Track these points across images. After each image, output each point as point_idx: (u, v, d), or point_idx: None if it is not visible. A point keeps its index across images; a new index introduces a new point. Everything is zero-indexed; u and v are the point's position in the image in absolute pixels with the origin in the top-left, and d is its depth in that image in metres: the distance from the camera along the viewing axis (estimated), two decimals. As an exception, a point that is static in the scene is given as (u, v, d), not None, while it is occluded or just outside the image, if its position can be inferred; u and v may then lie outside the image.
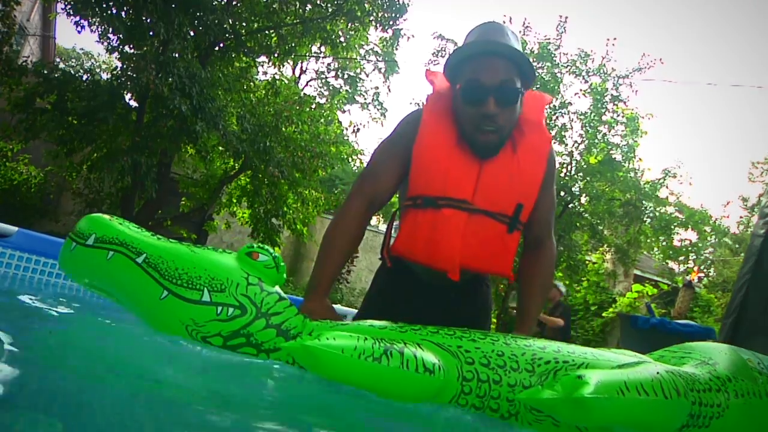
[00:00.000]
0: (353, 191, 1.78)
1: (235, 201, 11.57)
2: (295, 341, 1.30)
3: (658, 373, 1.28)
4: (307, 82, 19.48)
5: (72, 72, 8.67)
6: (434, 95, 1.78)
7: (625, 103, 11.83)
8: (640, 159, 12.68)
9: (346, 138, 14.48)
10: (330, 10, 9.85)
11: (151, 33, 7.83)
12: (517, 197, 1.66)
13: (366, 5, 9.64)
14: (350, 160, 13.01)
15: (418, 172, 1.68)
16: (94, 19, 8.07)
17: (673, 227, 13.00)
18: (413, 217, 1.68)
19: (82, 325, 1.84)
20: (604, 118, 11.97)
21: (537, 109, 1.79)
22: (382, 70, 19.04)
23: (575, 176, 12.08)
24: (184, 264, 1.43)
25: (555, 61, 11.66)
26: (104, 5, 7.72)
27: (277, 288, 1.51)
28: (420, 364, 1.22)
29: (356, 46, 11.58)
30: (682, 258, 16.87)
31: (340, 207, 1.79)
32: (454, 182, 1.64)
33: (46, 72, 8.10)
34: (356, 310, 2.11)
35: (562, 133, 12.01)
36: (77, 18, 8.04)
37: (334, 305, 1.76)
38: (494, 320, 11.99)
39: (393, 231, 1.84)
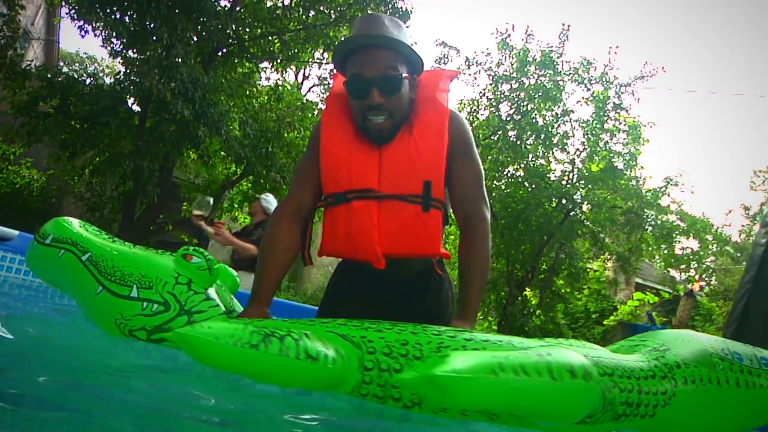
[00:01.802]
0: (278, 206, 1.88)
1: (236, 206, 11.56)
2: (173, 331, 1.30)
3: (549, 354, 1.17)
4: (310, 88, 19.45)
5: (75, 76, 8.67)
6: (332, 97, 1.84)
7: (627, 111, 11.83)
8: (641, 167, 12.68)
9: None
10: (333, 16, 9.87)
11: (154, 38, 7.85)
12: (421, 175, 1.67)
13: (369, 11, 9.66)
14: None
15: (325, 172, 1.75)
16: (97, 24, 8.10)
17: (674, 235, 12.97)
18: (329, 215, 1.75)
19: (83, 327, 1.84)
20: (606, 126, 11.97)
21: (432, 86, 1.79)
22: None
23: (577, 184, 12.07)
24: (121, 263, 1.57)
25: (557, 69, 11.67)
26: (108, 10, 7.74)
27: (211, 291, 1.63)
28: (301, 351, 1.22)
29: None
30: (683, 266, 16.83)
31: (269, 222, 1.86)
32: (357, 174, 1.69)
33: (49, 76, 8.10)
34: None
35: (564, 140, 12.01)
36: (81, 22, 8.08)
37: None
38: (494, 327, 11.97)
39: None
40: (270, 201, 5.80)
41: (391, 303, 1.72)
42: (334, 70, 1.85)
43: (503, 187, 12.61)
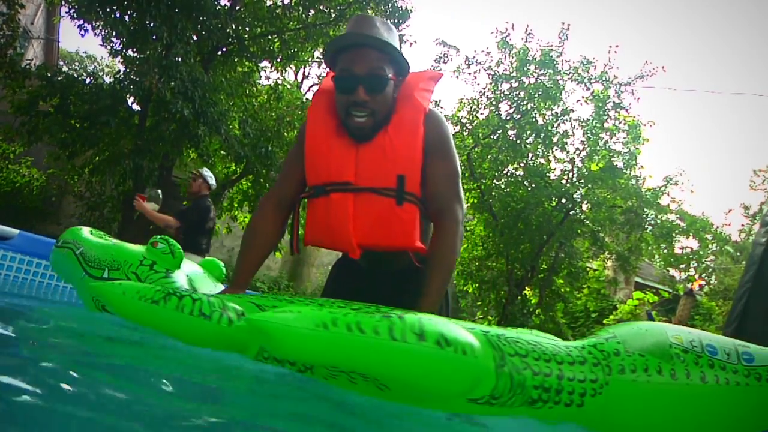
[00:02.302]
0: (263, 197, 2.00)
1: (236, 205, 11.57)
2: (91, 285, 1.60)
3: (400, 317, 1.14)
4: (310, 87, 19.46)
5: (75, 75, 8.67)
6: (319, 93, 1.92)
7: (626, 110, 11.83)
8: (641, 166, 12.67)
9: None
10: (333, 15, 9.88)
11: (154, 37, 7.84)
12: (395, 169, 1.72)
13: (369, 11, 9.66)
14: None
15: (308, 165, 1.84)
16: (97, 23, 8.10)
17: (674, 235, 12.97)
18: (311, 207, 1.84)
19: (82, 327, 1.85)
20: (605, 125, 11.97)
21: (412, 86, 1.85)
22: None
23: (577, 183, 12.07)
24: (101, 253, 1.86)
25: (557, 68, 11.67)
26: (108, 9, 7.74)
27: (177, 273, 1.88)
28: (196, 308, 1.36)
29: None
30: (683, 266, 16.84)
31: (255, 209, 2.00)
32: (336, 168, 1.76)
33: (49, 75, 8.11)
34: None
35: (564, 139, 12.01)
36: (81, 21, 8.08)
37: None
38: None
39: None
40: (207, 175, 5.80)
41: (380, 297, 1.72)
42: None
43: (503, 186, 12.62)
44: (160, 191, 5.33)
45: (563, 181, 12.23)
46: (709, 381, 1.31)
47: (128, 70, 8.24)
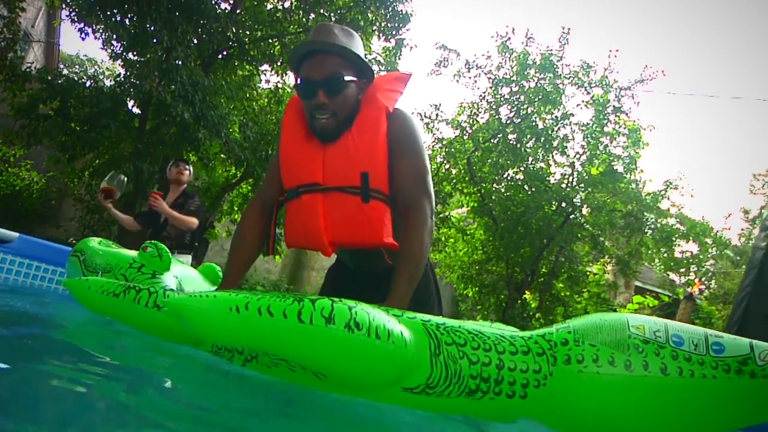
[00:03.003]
0: (249, 202, 2.09)
1: (236, 209, 11.57)
2: (62, 279, 1.89)
3: (312, 302, 1.14)
4: (310, 90, 19.50)
5: (75, 78, 8.68)
6: (290, 103, 2.01)
7: (627, 114, 11.85)
8: (641, 170, 12.69)
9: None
10: (333, 19, 9.88)
11: (154, 40, 7.86)
12: (359, 168, 1.77)
13: (369, 15, 9.67)
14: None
15: (282, 171, 1.92)
16: (98, 26, 8.11)
17: (674, 239, 12.97)
18: (288, 210, 1.92)
19: (81, 330, 1.85)
20: (605, 129, 11.98)
21: (377, 87, 1.92)
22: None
23: (577, 187, 12.07)
24: (98, 258, 2.02)
25: (557, 72, 11.68)
26: (108, 12, 7.75)
27: (165, 275, 2.00)
28: (151, 300, 1.50)
29: (359, 55, 11.60)
30: (683, 270, 16.83)
31: (242, 215, 2.10)
32: (305, 170, 1.84)
33: (49, 78, 8.11)
34: None
35: (564, 144, 12.02)
36: (81, 25, 8.09)
37: None
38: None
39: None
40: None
41: (368, 298, 1.74)
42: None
43: (503, 190, 12.62)
44: (124, 177, 4.75)
45: (563, 185, 12.23)
46: (670, 373, 1.21)
47: (129, 73, 8.24)
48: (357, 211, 1.76)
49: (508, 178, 12.71)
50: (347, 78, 1.82)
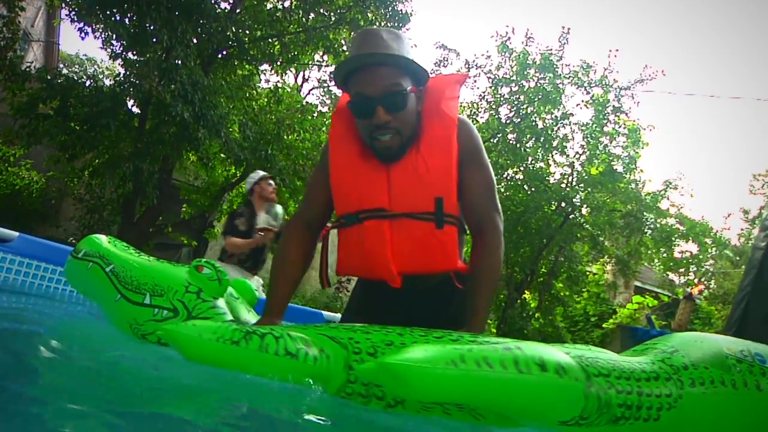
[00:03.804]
0: (289, 222, 1.90)
1: (236, 208, 11.56)
2: (161, 327, 1.39)
3: (519, 348, 1.14)
4: (310, 90, 19.44)
5: (75, 78, 8.66)
6: (336, 114, 1.82)
7: (626, 114, 11.86)
8: (641, 170, 12.70)
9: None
10: (333, 18, 9.88)
11: (154, 40, 7.85)
12: (432, 192, 1.64)
13: (369, 14, 9.67)
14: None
15: (336, 194, 1.76)
16: (98, 26, 8.10)
17: (673, 239, 12.99)
18: (343, 236, 1.75)
19: (82, 329, 1.85)
20: (605, 129, 12.00)
21: (438, 95, 1.75)
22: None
23: (576, 187, 12.08)
24: (138, 273, 1.71)
25: (557, 72, 11.68)
26: (108, 12, 7.74)
27: (220, 301, 1.73)
28: (281, 348, 1.29)
29: (359, 55, 11.61)
30: (682, 270, 16.84)
31: (282, 235, 1.89)
32: (367, 194, 1.68)
33: (49, 78, 8.10)
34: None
35: (564, 143, 12.02)
36: (81, 24, 8.07)
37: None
38: (493, 330, 11.96)
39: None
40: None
41: (414, 317, 1.68)
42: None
43: (502, 190, 12.62)
44: (280, 208, 4.77)
45: (563, 185, 12.24)
46: (764, 389, 1.36)
47: (128, 72, 8.23)
48: (430, 238, 1.64)
49: (508, 177, 12.71)
50: (407, 90, 1.64)
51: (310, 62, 11.93)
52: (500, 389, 1.09)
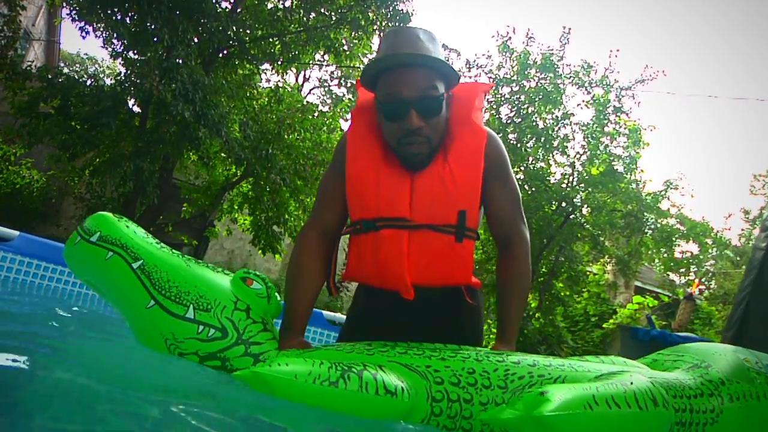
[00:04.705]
0: (303, 229, 1.78)
1: (236, 208, 11.56)
2: (247, 369, 1.26)
3: (632, 383, 1.19)
4: (310, 90, 19.51)
5: (76, 77, 8.67)
6: (356, 111, 1.74)
7: (627, 114, 11.84)
8: (641, 170, 12.68)
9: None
10: (334, 18, 9.88)
11: (155, 39, 7.85)
12: (457, 205, 1.58)
13: (370, 14, 9.67)
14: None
15: (352, 197, 1.66)
16: (98, 25, 8.10)
17: (674, 239, 12.98)
18: (357, 242, 1.67)
19: (81, 330, 1.84)
20: (606, 129, 11.98)
21: (468, 104, 1.69)
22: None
23: (577, 187, 12.07)
24: (177, 277, 1.43)
25: (558, 72, 11.68)
26: (109, 11, 7.75)
27: (268, 321, 1.51)
28: (381, 386, 1.21)
29: (360, 54, 11.60)
30: (683, 270, 16.83)
31: (295, 246, 1.78)
32: (387, 202, 1.60)
33: (50, 77, 8.10)
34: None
35: (564, 143, 12.01)
36: (82, 23, 8.08)
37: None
38: (494, 330, 11.94)
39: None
40: None
41: (420, 327, 1.65)
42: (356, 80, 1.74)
43: (503, 189, 12.60)
44: None
45: (563, 185, 12.23)
46: None
47: (129, 72, 8.23)
48: (449, 251, 1.58)
49: (509, 177, 12.69)
50: (443, 95, 1.57)
51: (310, 62, 11.92)
52: (625, 427, 1.14)
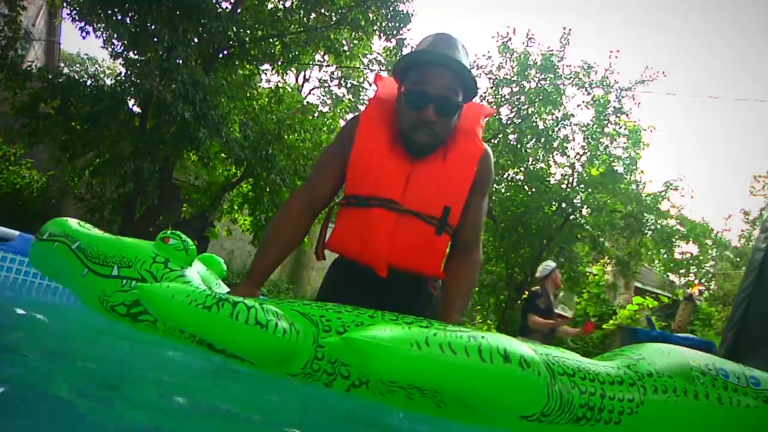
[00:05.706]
0: (294, 193, 1.93)
1: (236, 208, 11.56)
2: (138, 285, 1.38)
3: (483, 337, 1.14)
4: (310, 90, 19.54)
5: (76, 77, 8.67)
6: (375, 100, 1.89)
7: (627, 115, 11.86)
8: (641, 171, 12.70)
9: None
10: (334, 19, 9.88)
11: (155, 39, 7.85)
12: (444, 200, 1.74)
13: (370, 15, 9.67)
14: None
15: (353, 172, 1.79)
16: (99, 25, 8.11)
17: (674, 240, 12.98)
18: (347, 214, 1.80)
19: (81, 329, 1.85)
20: (606, 130, 12.00)
21: (474, 119, 1.88)
22: (386, 80, 19.02)
23: (577, 188, 12.08)
24: (105, 247, 1.70)
25: (558, 72, 11.69)
26: (109, 11, 7.75)
27: (190, 270, 1.73)
28: (251, 317, 1.26)
29: (360, 55, 11.61)
30: (683, 271, 16.84)
31: (281, 206, 1.92)
32: (385, 183, 1.73)
33: (50, 77, 8.10)
34: None
35: (564, 144, 12.03)
36: (82, 23, 8.08)
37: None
38: (494, 330, 11.96)
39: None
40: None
41: (384, 308, 1.71)
42: (379, 74, 1.88)
43: (503, 190, 12.63)
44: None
45: (563, 186, 12.24)
46: (724, 402, 1.39)
47: (129, 72, 8.24)
48: (427, 242, 1.74)
49: (509, 178, 12.72)
50: (460, 102, 1.76)
51: (310, 62, 11.93)
52: (462, 376, 1.09)
